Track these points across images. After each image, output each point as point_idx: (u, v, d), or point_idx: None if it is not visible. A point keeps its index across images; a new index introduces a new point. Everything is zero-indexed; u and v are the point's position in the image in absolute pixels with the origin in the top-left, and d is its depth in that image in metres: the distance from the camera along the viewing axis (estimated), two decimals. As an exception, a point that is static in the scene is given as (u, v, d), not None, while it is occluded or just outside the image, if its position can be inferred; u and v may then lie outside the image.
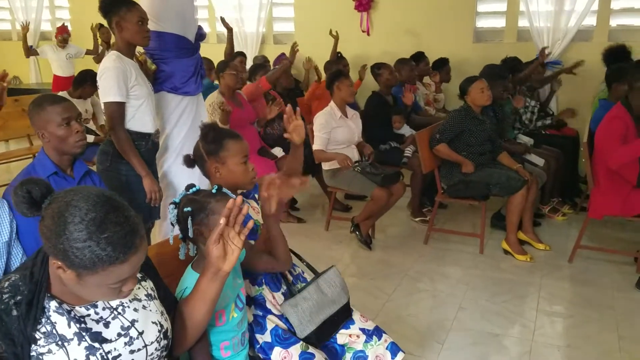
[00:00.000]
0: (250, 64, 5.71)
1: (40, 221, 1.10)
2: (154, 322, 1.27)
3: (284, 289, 1.92)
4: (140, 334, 1.23)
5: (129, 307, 1.25)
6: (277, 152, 4.32)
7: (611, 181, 3.37)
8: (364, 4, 6.38)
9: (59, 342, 1.13)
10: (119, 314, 1.22)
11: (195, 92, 3.11)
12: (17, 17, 8.25)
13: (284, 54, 6.35)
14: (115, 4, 2.67)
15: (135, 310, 1.25)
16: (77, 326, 1.15)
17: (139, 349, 1.22)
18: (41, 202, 1.11)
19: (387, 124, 4.65)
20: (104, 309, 1.22)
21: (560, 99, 5.66)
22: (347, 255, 3.87)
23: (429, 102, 5.54)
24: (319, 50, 6.46)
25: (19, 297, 1.11)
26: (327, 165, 3.98)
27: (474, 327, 2.88)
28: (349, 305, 1.94)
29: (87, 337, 1.15)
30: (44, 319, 1.13)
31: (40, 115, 2.13)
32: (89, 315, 1.19)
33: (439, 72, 5.60)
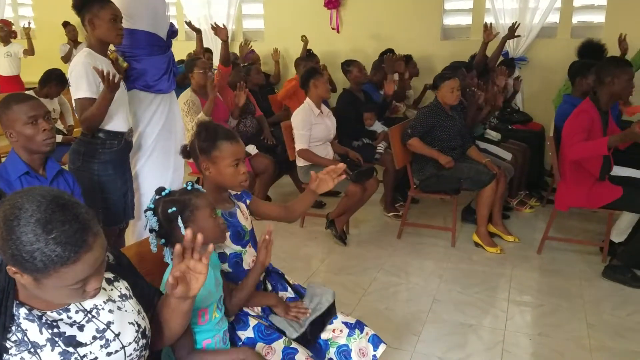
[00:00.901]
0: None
1: None
2: (130, 323, 1.24)
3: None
4: (117, 335, 1.20)
5: (103, 309, 1.21)
6: (251, 149, 4.31)
7: (577, 174, 3.46)
8: (334, 2, 6.41)
9: (31, 350, 1.09)
10: (93, 317, 1.19)
11: (168, 89, 3.07)
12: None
13: (253, 50, 6.34)
14: (88, 1, 2.62)
15: (110, 311, 1.22)
16: (50, 332, 1.12)
17: (117, 351, 1.20)
18: None
19: (359, 121, 4.68)
20: (77, 312, 1.18)
21: (525, 93, 5.80)
22: (323, 251, 3.89)
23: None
24: (289, 47, 6.47)
25: None
26: (301, 162, 3.98)
27: (448, 318, 2.94)
28: (334, 304, 1.94)
29: (60, 342, 1.12)
30: (14, 327, 1.10)
31: (7, 114, 2.10)
32: (62, 319, 1.16)
33: (406, 68, 5.68)
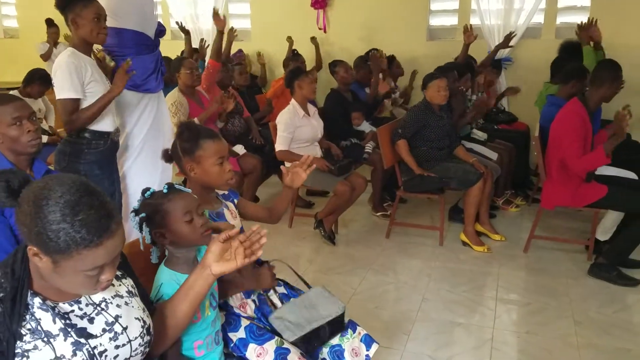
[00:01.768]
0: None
1: (16, 208, 1.11)
2: (136, 318, 1.28)
3: (254, 297, 1.92)
4: (124, 329, 1.24)
5: (111, 303, 1.25)
6: (239, 149, 4.29)
7: (562, 173, 3.50)
8: (320, 2, 6.41)
9: (45, 338, 1.12)
10: (102, 310, 1.23)
11: (156, 89, 3.05)
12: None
13: (241, 50, 6.32)
14: (71, 1, 2.59)
15: (118, 306, 1.26)
16: (62, 322, 1.15)
17: (124, 344, 1.23)
18: (19, 191, 1.12)
19: (347, 121, 4.69)
20: (87, 305, 1.22)
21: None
22: (312, 250, 3.89)
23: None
24: (276, 47, 6.45)
25: (1, 294, 1.11)
26: (289, 162, 3.97)
27: (437, 317, 2.96)
28: (342, 318, 1.89)
29: (72, 333, 1.15)
30: (28, 316, 1.13)
31: None
32: (73, 311, 1.19)
33: (390, 68, 5.70)
